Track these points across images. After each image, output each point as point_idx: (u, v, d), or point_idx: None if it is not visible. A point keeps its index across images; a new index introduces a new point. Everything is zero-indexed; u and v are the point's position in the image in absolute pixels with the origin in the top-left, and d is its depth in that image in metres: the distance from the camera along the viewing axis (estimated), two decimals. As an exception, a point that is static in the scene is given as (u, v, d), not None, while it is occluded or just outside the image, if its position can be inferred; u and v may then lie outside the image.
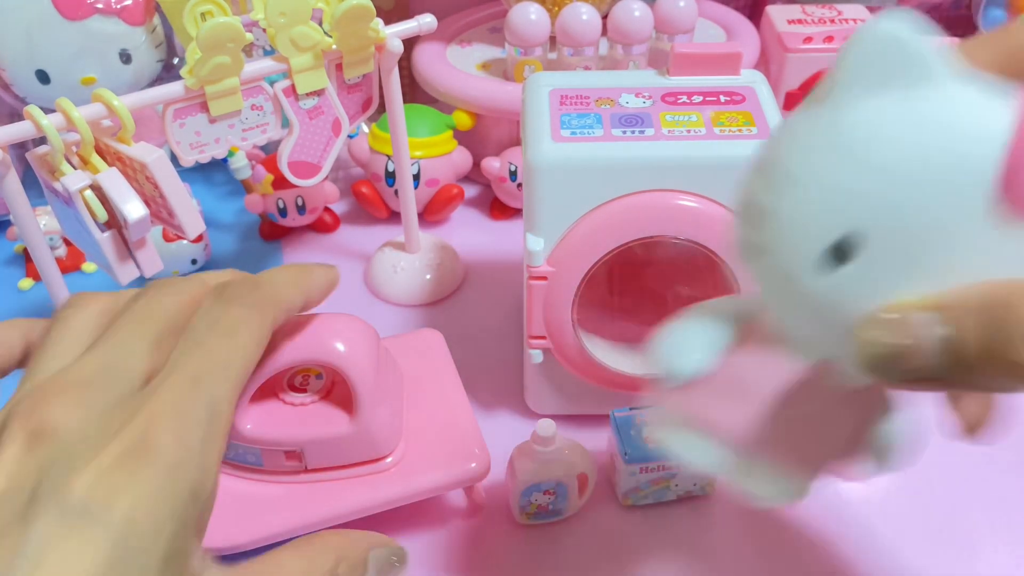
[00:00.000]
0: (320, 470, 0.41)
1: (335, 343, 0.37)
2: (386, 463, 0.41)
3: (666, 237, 0.41)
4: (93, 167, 0.43)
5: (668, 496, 0.45)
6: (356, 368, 0.38)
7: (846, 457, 0.27)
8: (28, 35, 0.55)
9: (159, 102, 0.45)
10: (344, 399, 0.40)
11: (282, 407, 0.40)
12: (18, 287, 0.60)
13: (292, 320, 0.35)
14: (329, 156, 0.52)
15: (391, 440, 0.41)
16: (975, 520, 0.45)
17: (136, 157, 0.42)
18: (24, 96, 0.58)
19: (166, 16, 0.61)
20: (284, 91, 0.48)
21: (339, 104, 0.50)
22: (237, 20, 0.43)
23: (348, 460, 0.41)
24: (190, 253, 0.59)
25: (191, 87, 0.45)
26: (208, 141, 0.47)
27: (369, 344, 0.39)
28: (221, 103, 0.46)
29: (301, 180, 0.52)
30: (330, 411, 0.40)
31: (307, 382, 0.41)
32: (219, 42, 0.43)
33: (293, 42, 0.46)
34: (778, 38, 0.71)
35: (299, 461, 0.40)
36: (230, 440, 0.39)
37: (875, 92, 0.21)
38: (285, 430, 0.39)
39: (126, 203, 0.42)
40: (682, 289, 0.47)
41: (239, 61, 0.45)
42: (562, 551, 0.43)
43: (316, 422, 0.40)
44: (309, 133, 0.50)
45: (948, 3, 0.82)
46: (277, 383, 0.41)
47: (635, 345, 0.47)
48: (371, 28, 0.48)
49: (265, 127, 0.49)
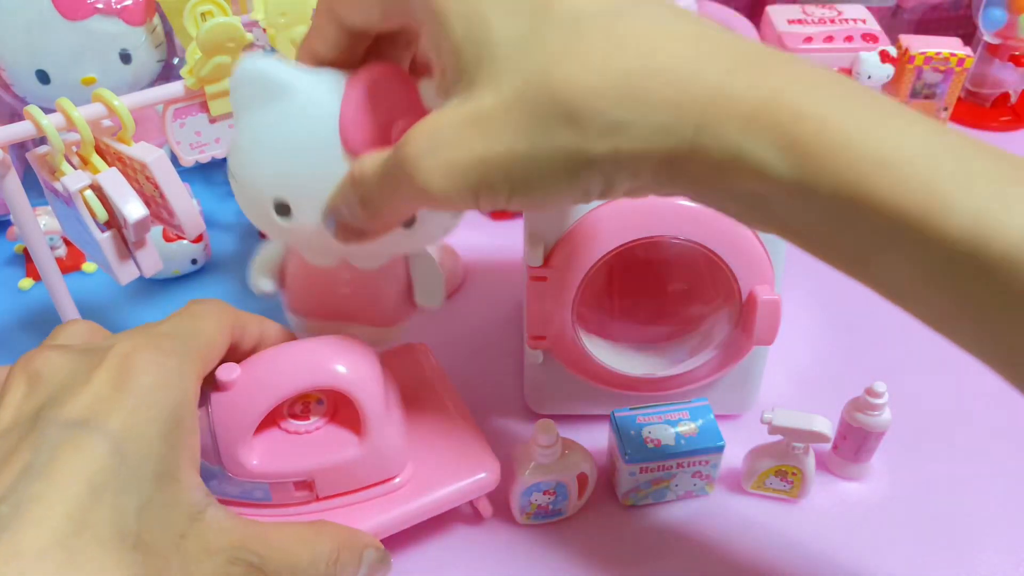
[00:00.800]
0: (331, 497, 0.40)
1: (336, 366, 0.37)
2: (396, 483, 0.40)
3: (666, 237, 0.41)
4: (93, 167, 0.43)
5: (668, 496, 0.45)
6: (361, 389, 0.37)
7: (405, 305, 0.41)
8: (28, 35, 0.55)
9: (159, 102, 0.45)
10: (349, 421, 0.39)
11: (287, 437, 0.39)
12: (18, 287, 0.60)
13: (287, 347, 0.37)
14: None
15: (400, 459, 0.40)
16: (975, 520, 0.44)
17: (136, 157, 0.42)
18: (24, 96, 0.58)
19: (166, 16, 0.61)
20: None
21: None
22: (237, 20, 0.43)
23: (359, 484, 0.40)
24: (190, 253, 0.59)
25: (191, 87, 0.45)
26: (208, 141, 0.47)
27: (370, 362, 0.38)
28: (221, 103, 0.46)
29: None
30: (337, 435, 0.39)
31: (308, 409, 0.40)
32: (219, 42, 0.43)
33: (293, 42, 0.47)
34: (778, 38, 0.71)
35: (310, 491, 0.39)
36: (236, 478, 0.38)
37: (252, 109, 0.34)
38: (293, 460, 0.38)
39: (126, 203, 0.42)
40: (680, 288, 0.47)
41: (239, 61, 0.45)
42: (562, 551, 0.43)
43: (325, 448, 0.39)
44: None
45: (948, 3, 0.82)
46: (278, 414, 0.39)
47: (635, 345, 0.47)
48: None
49: None
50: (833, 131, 0.25)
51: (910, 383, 0.51)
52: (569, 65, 0.26)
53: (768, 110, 0.25)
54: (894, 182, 0.24)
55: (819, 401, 0.50)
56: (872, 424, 0.44)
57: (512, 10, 0.28)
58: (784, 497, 0.45)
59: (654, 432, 0.43)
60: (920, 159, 0.25)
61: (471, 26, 0.28)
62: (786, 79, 0.26)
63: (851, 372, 0.52)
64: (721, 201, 0.28)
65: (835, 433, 0.45)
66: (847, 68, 0.69)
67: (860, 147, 0.25)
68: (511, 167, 0.27)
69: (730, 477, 0.46)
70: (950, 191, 0.24)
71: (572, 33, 0.27)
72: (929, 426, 0.49)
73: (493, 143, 0.27)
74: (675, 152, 0.26)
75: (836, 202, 0.25)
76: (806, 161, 0.25)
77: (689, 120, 0.26)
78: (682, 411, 0.44)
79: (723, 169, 0.26)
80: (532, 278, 0.42)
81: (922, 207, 0.24)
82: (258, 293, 0.41)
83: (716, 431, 0.43)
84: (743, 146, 0.25)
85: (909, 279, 0.26)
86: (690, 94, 0.26)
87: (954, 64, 0.69)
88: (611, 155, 0.26)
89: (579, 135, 0.26)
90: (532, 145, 0.27)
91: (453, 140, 0.28)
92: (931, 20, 0.83)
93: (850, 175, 0.25)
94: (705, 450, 0.43)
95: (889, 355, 0.53)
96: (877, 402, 0.43)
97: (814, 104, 0.25)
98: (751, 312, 0.42)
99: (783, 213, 0.27)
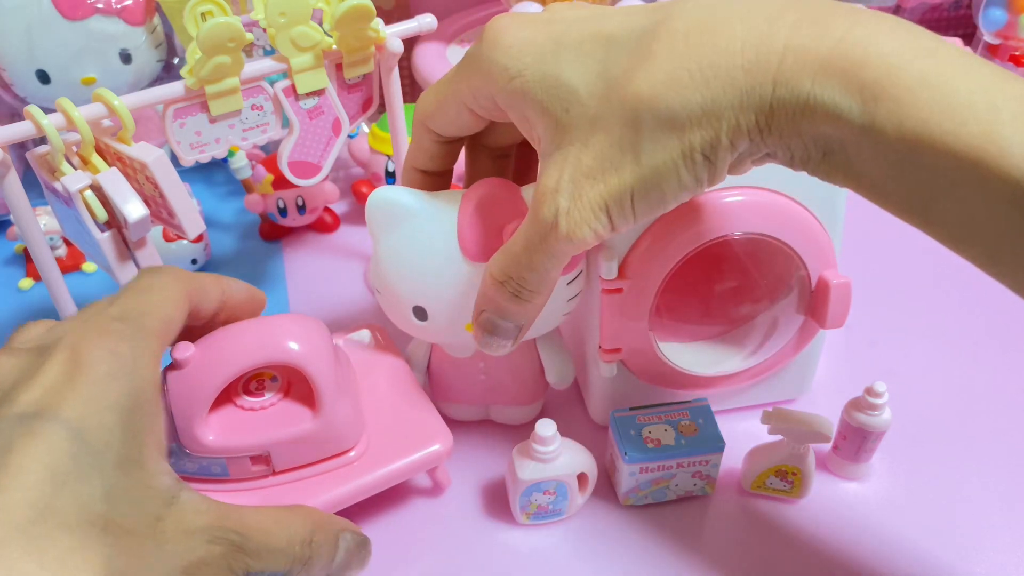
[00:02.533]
0: (288, 471, 0.41)
1: (288, 342, 0.38)
2: (351, 456, 0.41)
3: (737, 234, 0.41)
4: (93, 167, 0.43)
5: (668, 496, 0.45)
6: (313, 364, 0.38)
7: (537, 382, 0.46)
8: (28, 35, 0.55)
9: (159, 102, 0.45)
10: (303, 397, 0.40)
11: (242, 413, 0.40)
12: (18, 287, 0.60)
13: (240, 326, 0.37)
14: (329, 156, 0.52)
15: (355, 432, 0.42)
16: (975, 520, 0.44)
17: (136, 157, 0.42)
18: (24, 96, 0.58)
19: (166, 16, 0.61)
20: (284, 91, 0.48)
21: (339, 104, 0.50)
22: (237, 20, 0.43)
23: (315, 457, 0.41)
24: (190, 253, 0.59)
25: (191, 87, 0.45)
26: (208, 141, 0.47)
27: (322, 339, 0.40)
28: (221, 103, 0.46)
29: (301, 180, 0.52)
30: (292, 410, 0.40)
31: (263, 386, 0.41)
32: (219, 42, 0.43)
33: (293, 42, 0.46)
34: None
35: (266, 464, 0.40)
36: (193, 455, 0.39)
37: (386, 231, 0.40)
38: (249, 435, 0.39)
39: (126, 203, 0.42)
40: (734, 284, 0.47)
41: (239, 61, 0.45)
42: (562, 551, 0.43)
43: (279, 423, 0.40)
44: (309, 133, 0.50)
45: (948, 3, 0.82)
46: (232, 390, 0.40)
47: (705, 343, 0.47)
48: (371, 28, 0.48)
49: (265, 127, 0.49)
50: (897, 75, 0.26)
51: (910, 383, 0.51)
52: (646, 78, 0.29)
53: (835, 58, 0.27)
54: (956, 125, 0.26)
55: (819, 401, 0.50)
56: (872, 424, 0.44)
57: (579, 56, 0.31)
58: (784, 497, 0.45)
59: (654, 432, 0.43)
60: (980, 103, 0.26)
61: (549, 86, 0.32)
62: (850, 26, 0.27)
63: (851, 372, 0.52)
64: (804, 150, 0.29)
65: (835, 433, 0.45)
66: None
67: (922, 92, 0.26)
68: (634, 189, 0.30)
69: (730, 477, 0.46)
70: (1008, 135, 0.25)
71: (638, 47, 0.30)
72: (929, 426, 0.49)
73: (612, 177, 0.30)
74: (760, 111, 0.28)
75: (901, 144, 0.26)
76: (874, 105, 0.26)
77: (767, 79, 0.28)
78: (682, 411, 0.44)
79: (802, 116, 0.28)
80: (607, 291, 0.42)
81: (981, 149, 0.25)
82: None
83: (716, 431, 0.43)
84: (817, 94, 0.27)
85: (970, 221, 0.27)
86: (761, 56, 0.28)
87: (954, 64, 0.69)
88: (709, 134, 0.29)
89: (679, 132, 0.29)
90: (646, 162, 0.30)
91: (578, 188, 0.31)
92: (931, 20, 0.83)
93: (914, 118, 0.26)
94: (705, 450, 0.43)
95: (889, 355, 0.53)
96: (877, 402, 0.43)
97: (879, 50, 0.27)
98: (823, 297, 0.43)
99: (855, 158, 0.28)
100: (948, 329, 0.55)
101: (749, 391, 0.48)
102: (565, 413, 0.49)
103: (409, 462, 0.42)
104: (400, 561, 0.43)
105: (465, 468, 0.47)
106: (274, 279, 0.60)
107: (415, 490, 0.46)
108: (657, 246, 0.41)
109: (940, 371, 0.52)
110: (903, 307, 0.56)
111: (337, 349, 0.42)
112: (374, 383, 0.45)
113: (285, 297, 0.59)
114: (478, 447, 0.48)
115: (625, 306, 0.42)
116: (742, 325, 0.47)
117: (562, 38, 0.32)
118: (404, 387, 0.45)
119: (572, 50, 0.32)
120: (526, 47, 0.33)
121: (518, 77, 0.33)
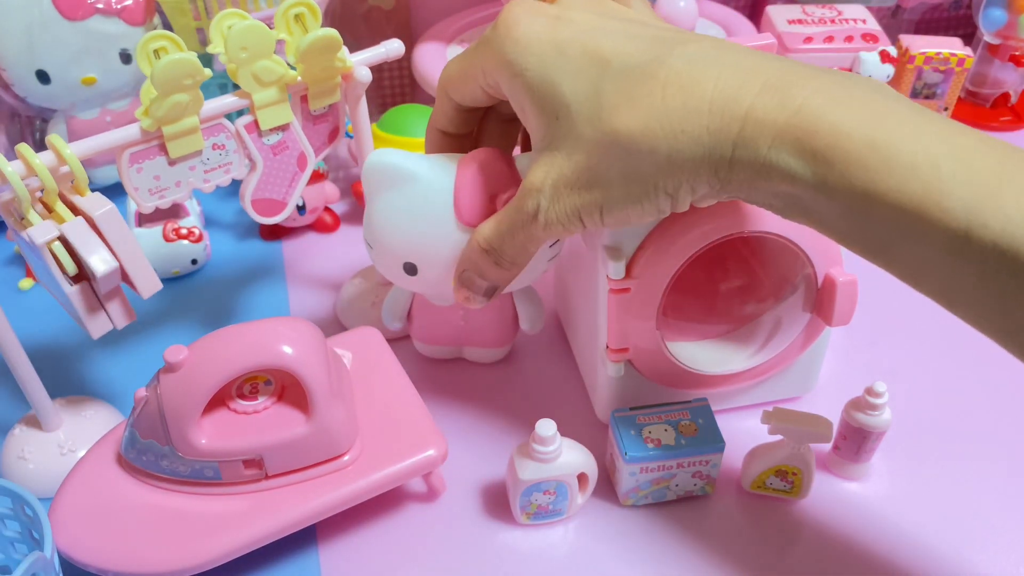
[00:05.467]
0: (280, 475, 0.41)
1: (282, 346, 0.38)
2: (344, 460, 0.41)
3: (745, 233, 0.41)
4: (58, 216, 0.40)
5: (668, 496, 0.45)
6: (307, 368, 0.38)
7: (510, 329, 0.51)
8: (28, 35, 0.55)
9: (115, 146, 0.42)
10: (297, 401, 0.40)
11: (235, 417, 0.40)
12: (18, 287, 0.60)
13: (233, 329, 0.38)
14: (294, 192, 0.49)
15: (348, 436, 0.41)
16: (975, 520, 0.44)
17: (85, 210, 0.39)
18: (24, 96, 0.58)
19: (166, 16, 0.61)
20: (246, 127, 0.46)
21: (304, 138, 0.48)
22: (193, 56, 0.41)
23: (308, 461, 0.41)
24: (190, 253, 0.59)
25: (147, 128, 0.42)
26: (168, 185, 0.44)
27: (316, 343, 0.39)
28: (181, 144, 0.43)
29: (265, 218, 0.49)
30: (285, 414, 0.40)
31: (256, 389, 0.41)
32: (175, 79, 0.41)
33: (256, 77, 0.44)
34: (778, 38, 0.71)
35: (259, 468, 0.40)
36: (185, 458, 0.39)
37: (381, 192, 0.42)
38: (242, 439, 0.39)
39: (91, 255, 0.39)
40: (740, 283, 0.48)
41: (198, 98, 0.43)
42: (562, 551, 0.43)
43: (273, 426, 0.40)
44: (273, 169, 0.48)
45: (948, 3, 0.82)
46: (226, 394, 0.40)
47: (712, 342, 0.47)
48: (338, 58, 0.46)
49: (228, 167, 0.46)
50: (846, 142, 0.29)
51: (910, 383, 0.51)
52: (625, 121, 0.32)
53: (791, 126, 0.30)
54: (899, 183, 0.29)
55: (819, 401, 0.50)
56: (872, 424, 0.44)
57: (577, 73, 0.34)
58: (784, 497, 0.45)
59: (654, 432, 0.43)
60: (923, 163, 0.29)
61: (546, 92, 0.35)
62: (808, 95, 0.30)
63: (851, 372, 0.52)
64: (765, 200, 0.33)
65: (835, 433, 0.45)
66: (847, 68, 0.69)
67: (870, 155, 0.29)
68: (603, 207, 0.35)
69: (730, 477, 0.46)
70: (948, 192, 0.28)
71: (625, 85, 0.33)
72: (929, 426, 0.49)
73: (586, 193, 0.35)
74: (719, 166, 0.32)
75: (852, 200, 0.30)
76: (825, 168, 0.30)
77: (727, 140, 0.31)
78: (682, 411, 0.44)
79: (760, 176, 0.31)
80: (614, 291, 0.42)
81: (922, 205, 0.29)
82: (389, 328, 0.51)
83: (716, 431, 0.43)
84: (773, 157, 0.30)
85: (920, 265, 0.30)
86: (725, 119, 0.31)
87: (954, 64, 0.69)
88: (672, 179, 0.33)
89: (646, 173, 0.33)
90: (615, 191, 0.34)
91: (557, 193, 0.35)
92: (931, 20, 0.83)
93: (861, 178, 0.29)
94: (705, 450, 0.43)
95: (889, 355, 0.53)
96: (877, 402, 0.43)
97: (831, 119, 0.30)
98: (829, 295, 0.43)
99: (813, 210, 0.31)
100: (948, 329, 0.55)
101: (756, 389, 0.48)
102: (565, 413, 0.49)
103: (403, 467, 0.42)
104: (401, 561, 0.43)
105: (465, 468, 0.47)
106: (274, 279, 0.60)
107: (412, 494, 0.46)
108: (664, 246, 0.41)
109: (940, 371, 0.52)
110: (903, 307, 0.56)
111: (331, 353, 0.42)
112: (369, 388, 0.45)
113: (285, 297, 0.59)
114: (478, 447, 0.48)
115: (632, 306, 0.42)
116: (748, 323, 0.47)
117: (565, 47, 0.35)
118: (399, 392, 0.45)
119: (572, 62, 0.34)
120: (533, 45, 0.35)
121: (521, 75, 0.36)
